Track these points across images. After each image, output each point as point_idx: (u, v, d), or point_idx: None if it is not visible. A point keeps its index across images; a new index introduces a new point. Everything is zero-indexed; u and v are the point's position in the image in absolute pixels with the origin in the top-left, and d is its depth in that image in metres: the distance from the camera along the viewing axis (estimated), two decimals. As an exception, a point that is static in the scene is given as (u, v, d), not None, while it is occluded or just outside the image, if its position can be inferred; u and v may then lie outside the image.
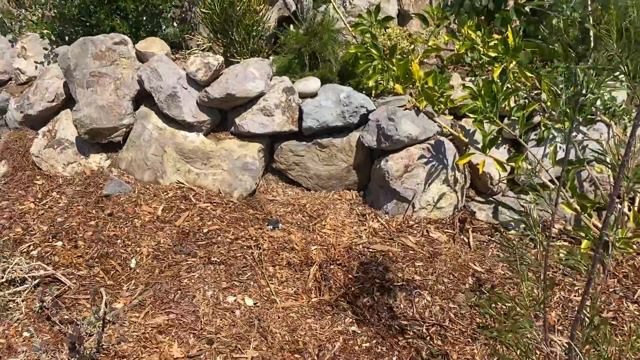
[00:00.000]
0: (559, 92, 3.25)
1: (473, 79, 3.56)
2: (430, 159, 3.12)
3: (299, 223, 3.19)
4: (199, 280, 2.69)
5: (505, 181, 3.36)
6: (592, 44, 3.36)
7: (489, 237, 3.19)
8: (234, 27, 3.57)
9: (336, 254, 2.92)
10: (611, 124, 3.23)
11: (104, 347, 2.30)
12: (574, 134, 3.28)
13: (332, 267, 2.84)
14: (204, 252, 2.83)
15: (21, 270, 2.58)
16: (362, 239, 3.09)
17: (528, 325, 1.65)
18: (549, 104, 3.20)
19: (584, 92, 3.23)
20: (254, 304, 2.61)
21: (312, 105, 3.18)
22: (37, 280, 2.59)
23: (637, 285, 2.90)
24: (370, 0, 3.92)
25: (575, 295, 2.84)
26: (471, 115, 3.02)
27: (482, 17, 4.09)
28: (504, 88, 2.78)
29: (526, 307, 1.68)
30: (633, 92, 3.46)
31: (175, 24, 3.97)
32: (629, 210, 3.12)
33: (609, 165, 2.44)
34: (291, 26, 4.10)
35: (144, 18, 3.79)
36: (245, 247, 2.90)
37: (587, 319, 2.69)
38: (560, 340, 1.86)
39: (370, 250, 2.99)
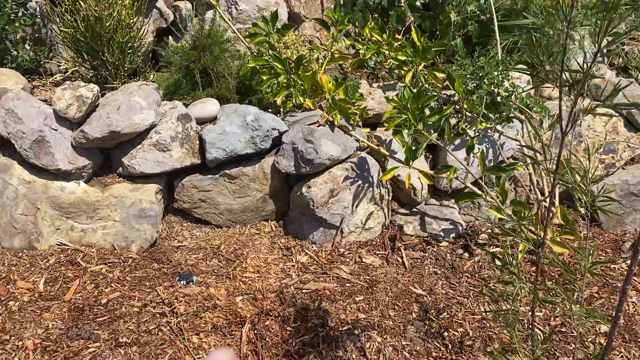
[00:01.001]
0: (473, 91, 3.12)
1: (381, 84, 3.33)
2: (356, 179, 2.83)
3: (216, 270, 2.74)
4: (107, 371, 2.16)
5: (426, 189, 3.18)
6: (497, 34, 3.27)
7: (422, 253, 2.99)
8: (105, 46, 2.99)
9: (267, 304, 2.53)
10: (524, 119, 3.16)
11: None
12: (490, 133, 3.18)
13: (266, 321, 2.44)
14: (108, 332, 2.29)
15: None
16: (293, 278, 2.73)
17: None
18: (465, 105, 3.06)
19: (487, 82, 3.14)
20: (183, 389, 2.15)
21: (216, 133, 2.73)
22: None
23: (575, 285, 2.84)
24: (258, 4, 3.52)
25: (521, 305, 2.73)
26: (392, 128, 2.78)
27: (376, 15, 3.88)
28: (423, 95, 2.56)
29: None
30: (535, 84, 3.45)
31: (28, 46, 3.27)
32: (552, 205, 3.08)
33: (538, 164, 2.35)
34: (170, 38, 3.58)
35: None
36: (159, 316, 2.41)
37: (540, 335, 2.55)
38: None
39: (304, 290, 2.64)
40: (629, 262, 2.99)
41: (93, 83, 3.16)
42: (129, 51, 3.13)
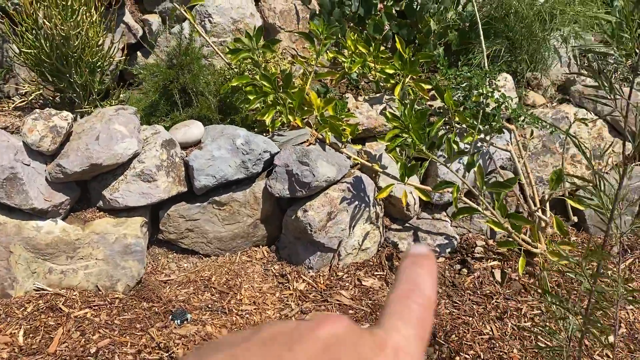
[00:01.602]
0: (462, 103, 3.07)
1: (367, 97, 3.23)
2: (352, 199, 2.72)
3: (210, 305, 2.57)
4: None
5: (418, 203, 3.11)
6: (482, 43, 3.23)
7: (420, 271, 2.91)
8: (73, 67, 2.75)
9: (272, 340, 2.38)
10: (513, 128, 3.14)
11: None
12: (480, 144, 3.14)
13: (273, 359, 2.29)
14: (103, 388, 2.08)
15: None
16: (292, 309, 2.59)
17: None
18: (457, 118, 2.99)
19: (476, 93, 3.09)
20: None
21: (204, 159, 2.55)
22: None
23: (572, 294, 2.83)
24: (233, 16, 3.35)
25: (525, 321, 2.69)
26: (386, 144, 2.68)
27: (352, 24, 3.78)
28: (425, 114, 2.47)
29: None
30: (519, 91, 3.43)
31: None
32: (543, 213, 3.07)
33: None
34: (139, 53, 3.36)
35: None
36: (157, 363, 2.22)
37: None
38: None
39: (307, 321, 2.51)
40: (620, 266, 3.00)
41: (58, 106, 2.91)
42: (98, 71, 2.90)
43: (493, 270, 2.93)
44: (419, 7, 3.65)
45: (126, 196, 2.43)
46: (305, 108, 2.80)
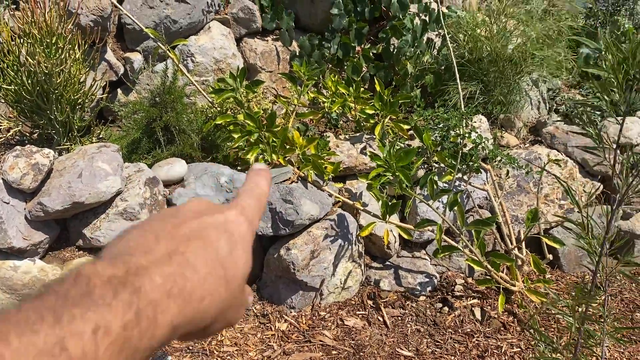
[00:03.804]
0: (440, 143, 3.15)
1: (347, 136, 3.29)
2: (336, 238, 2.73)
3: (190, 347, 2.51)
4: None
5: (398, 241, 3.14)
6: (459, 86, 3.34)
7: (402, 310, 2.92)
8: (54, 103, 2.73)
9: (255, 383, 2.34)
10: (489, 168, 3.23)
11: None
12: (457, 183, 3.21)
13: (257, 403, 2.25)
14: None
15: None
16: (275, 350, 2.55)
17: None
18: (436, 157, 3.07)
19: (454, 134, 3.18)
20: None
21: (187, 197, 2.54)
22: None
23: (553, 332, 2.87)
24: (215, 56, 3.39)
25: (505, 359, 2.70)
26: (367, 181, 2.72)
27: (331, 66, 3.88)
28: (410, 154, 2.53)
29: None
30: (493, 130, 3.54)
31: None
32: (519, 251, 3.13)
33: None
34: (119, 90, 3.36)
35: None
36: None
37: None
38: None
39: (290, 363, 2.48)
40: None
41: (36, 143, 2.87)
42: (79, 108, 2.88)
43: (473, 308, 2.96)
44: (395, 50, 3.78)
45: (108, 235, 2.38)
46: (288, 147, 2.83)
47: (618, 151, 1.36)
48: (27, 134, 3.00)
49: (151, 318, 0.33)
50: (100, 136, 3.09)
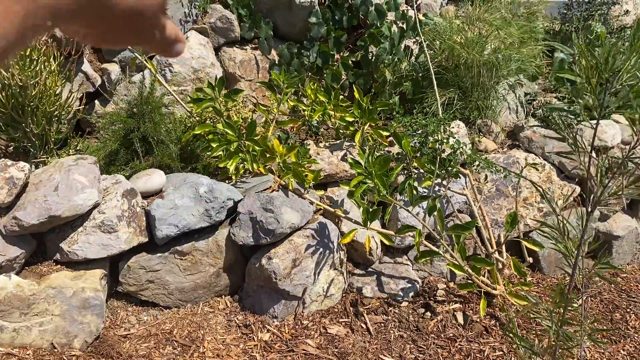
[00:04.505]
0: (419, 149, 3.17)
1: (327, 144, 3.29)
2: (317, 246, 2.73)
3: (172, 359, 2.48)
4: None
5: (380, 247, 3.15)
6: (436, 93, 3.37)
7: (385, 316, 2.92)
8: (29, 116, 2.69)
9: (238, 394, 2.31)
10: (468, 173, 3.25)
11: None
12: (437, 188, 3.23)
13: (240, 414, 2.22)
14: None
15: None
16: (258, 360, 2.53)
17: None
18: (415, 163, 3.09)
19: (432, 140, 3.21)
20: None
21: (166, 208, 2.51)
22: None
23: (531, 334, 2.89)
24: (194, 66, 3.38)
25: (489, 362, 2.72)
26: (348, 188, 2.73)
27: (311, 74, 3.89)
28: (388, 161, 2.54)
29: None
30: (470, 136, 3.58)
31: None
32: (500, 254, 3.16)
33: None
34: (96, 102, 3.33)
35: None
36: None
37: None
38: None
39: (273, 373, 2.46)
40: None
41: (11, 156, 2.83)
42: (56, 120, 2.85)
43: (455, 313, 2.97)
44: (374, 58, 3.80)
45: (85, 248, 2.35)
46: (268, 155, 2.83)
47: (593, 154, 1.38)
48: (3, 148, 2.95)
49: None
50: (78, 148, 3.05)
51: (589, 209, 1.36)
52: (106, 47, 0.55)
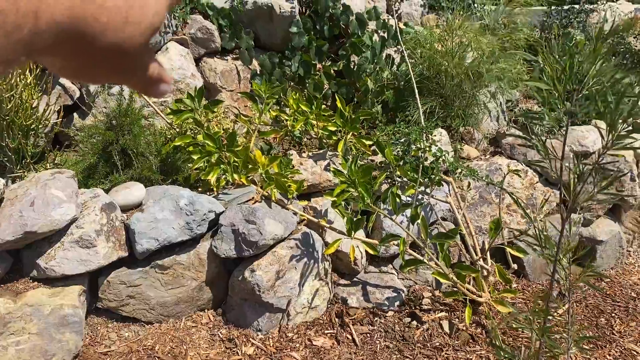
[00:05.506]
0: (402, 157, 3.16)
1: (310, 153, 3.27)
2: (301, 257, 2.70)
3: (155, 377, 2.43)
4: None
5: (365, 257, 3.13)
6: (418, 101, 3.37)
7: (370, 327, 2.89)
8: (5, 130, 2.64)
9: (222, 410, 2.27)
10: (451, 181, 3.25)
11: None
12: (420, 196, 3.22)
13: None
14: None
15: None
16: (242, 375, 2.49)
17: None
18: (398, 172, 3.08)
19: (415, 148, 3.21)
20: None
21: (146, 222, 2.47)
22: None
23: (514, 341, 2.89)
24: (174, 77, 3.35)
25: (475, 371, 2.70)
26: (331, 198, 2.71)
27: (293, 83, 3.87)
28: (371, 169, 2.53)
29: None
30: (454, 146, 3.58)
31: None
32: (484, 262, 3.15)
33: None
34: (75, 115, 3.28)
35: None
36: None
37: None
38: None
39: (258, 387, 2.42)
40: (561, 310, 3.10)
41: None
42: (33, 134, 2.80)
43: (441, 321, 2.95)
44: (356, 67, 3.80)
45: (63, 264, 2.30)
46: (250, 166, 2.80)
47: (574, 160, 1.38)
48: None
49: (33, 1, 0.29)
50: (56, 162, 3.00)
51: (565, 215, 1.35)
52: (84, 82, 0.55)
